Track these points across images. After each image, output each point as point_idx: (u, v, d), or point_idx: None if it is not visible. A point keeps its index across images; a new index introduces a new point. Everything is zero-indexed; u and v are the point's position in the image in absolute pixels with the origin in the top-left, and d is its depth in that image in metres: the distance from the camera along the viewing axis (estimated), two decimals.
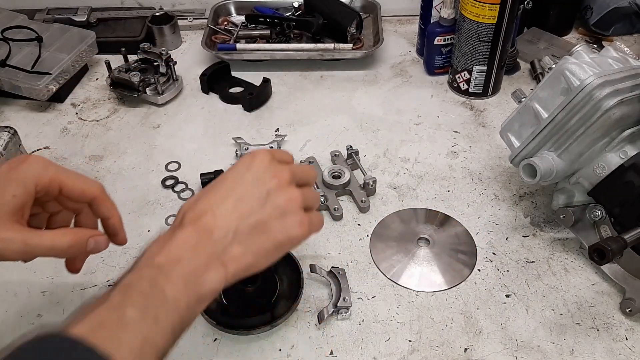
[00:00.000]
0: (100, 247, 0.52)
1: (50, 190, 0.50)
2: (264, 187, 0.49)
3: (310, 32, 1.03)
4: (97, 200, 0.52)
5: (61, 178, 0.50)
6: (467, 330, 0.63)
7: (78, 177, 0.52)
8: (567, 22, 1.09)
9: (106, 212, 0.53)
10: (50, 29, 0.99)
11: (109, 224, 0.54)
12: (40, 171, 0.49)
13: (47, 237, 0.49)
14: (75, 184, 0.51)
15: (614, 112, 0.61)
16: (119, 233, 0.54)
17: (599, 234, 0.67)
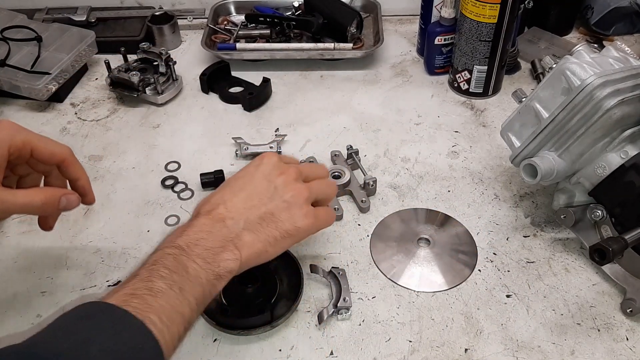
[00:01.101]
0: (72, 204, 0.55)
1: (22, 153, 0.53)
2: (272, 183, 0.55)
3: (310, 32, 1.03)
4: (66, 162, 0.56)
5: (32, 141, 0.53)
6: (467, 331, 0.63)
7: (48, 140, 0.55)
8: (567, 21, 1.09)
9: (75, 173, 0.57)
10: (50, 29, 0.99)
11: (78, 185, 0.58)
12: (13, 134, 0.52)
13: (22, 194, 0.52)
14: (45, 147, 0.54)
15: (614, 112, 0.61)
16: (88, 193, 0.59)
17: (599, 234, 0.67)
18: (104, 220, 0.76)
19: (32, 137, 0.54)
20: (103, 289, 0.68)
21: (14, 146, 0.52)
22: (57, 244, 0.73)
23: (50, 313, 0.65)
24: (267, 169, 0.56)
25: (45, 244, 0.73)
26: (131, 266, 0.70)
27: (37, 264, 0.71)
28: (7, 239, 0.74)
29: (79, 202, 0.57)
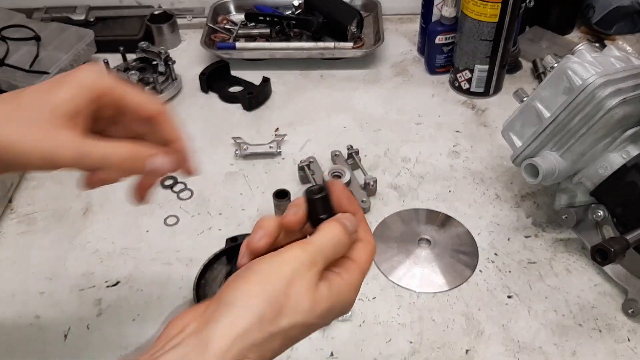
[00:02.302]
0: (163, 167, 0.44)
1: (106, 102, 0.44)
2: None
3: (310, 31, 1.02)
4: (158, 118, 0.45)
5: (119, 86, 0.44)
6: (468, 332, 0.63)
7: (138, 90, 0.46)
8: (569, 21, 1.09)
9: (169, 133, 0.46)
10: (49, 28, 0.98)
11: (176, 147, 0.46)
12: (97, 76, 0.43)
13: (102, 145, 0.42)
14: (134, 95, 0.45)
15: (616, 111, 0.61)
16: (186, 160, 0.47)
17: (601, 235, 0.67)
18: (102, 220, 0.76)
19: (119, 84, 0.44)
20: (102, 289, 0.68)
21: (96, 89, 0.43)
22: (55, 244, 0.73)
23: (49, 314, 0.65)
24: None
25: (44, 244, 0.73)
26: (130, 267, 0.70)
27: (36, 265, 0.71)
28: (5, 239, 0.74)
29: (172, 166, 0.45)
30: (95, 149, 0.42)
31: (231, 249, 0.67)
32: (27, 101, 0.41)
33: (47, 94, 0.41)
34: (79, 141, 0.41)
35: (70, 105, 0.41)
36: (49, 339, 0.63)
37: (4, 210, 0.77)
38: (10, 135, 0.39)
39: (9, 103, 0.41)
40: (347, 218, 0.40)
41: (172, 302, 0.66)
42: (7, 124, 0.40)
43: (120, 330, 0.64)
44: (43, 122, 0.40)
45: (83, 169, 0.42)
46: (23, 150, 0.39)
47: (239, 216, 0.76)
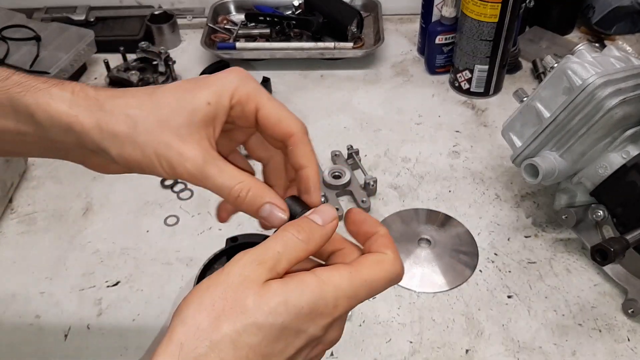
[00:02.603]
0: (274, 221, 0.39)
1: (245, 110, 0.40)
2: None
3: (310, 31, 1.02)
4: (295, 139, 0.41)
5: (260, 97, 0.41)
6: (468, 332, 0.63)
7: (280, 105, 0.42)
8: (569, 21, 1.09)
9: (302, 157, 0.41)
10: (49, 28, 0.98)
11: (302, 175, 0.41)
12: (240, 81, 0.40)
13: (227, 176, 0.38)
14: (274, 109, 0.41)
15: (616, 111, 0.61)
16: (311, 192, 0.41)
17: (601, 235, 0.67)
18: (103, 220, 0.76)
19: (262, 94, 0.41)
20: (102, 289, 0.68)
21: (237, 95, 0.39)
22: (56, 244, 0.73)
23: (49, 314, 0.65)
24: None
25: (44, 244, 0.73)
26: (130, 267, 0.70)
27: (36, 265, 0.71)
28: (6, 239, 0.74)
29: (283, 220, 0.39)
30: (218, 174, 0.38)
31: (231, 249, 0.67)
32: (165, 99, 0.38)
33: (189, 95, 0.38)
34: (204, 160, 0.38)
35: (207, 111, 0.38)
36: (49, 339, 0.63)
37: (4, 210, 0.77)
38: (139, 133, 0.37)
39: (145, 97, 0.38)
40: (317, 212, 0.38)
41: (172, 302, 0.66)
42: (137, 120, 0.37)
43: (120, 330, 0.64)
44: (175, 127, 0.37)
45: (197, 184, 0.39)
46: (150, 153, 0.37)
47: (239, 216, 0.75)
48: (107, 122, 0.37)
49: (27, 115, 0.38)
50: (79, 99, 0.37)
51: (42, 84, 0.38)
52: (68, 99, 0.37)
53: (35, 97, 0.37)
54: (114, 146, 0.37)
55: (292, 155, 0.41)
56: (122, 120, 0.37)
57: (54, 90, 0.37)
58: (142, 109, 0.37)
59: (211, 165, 0.38)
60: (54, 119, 0.37)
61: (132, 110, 0.37)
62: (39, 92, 0.37)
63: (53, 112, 0.37)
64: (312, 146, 0.42)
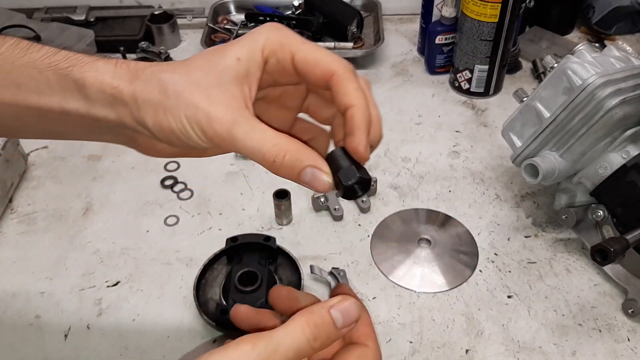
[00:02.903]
0: (318, 186, 0.35)
1: (280, 60, 0.37)
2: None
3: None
4: (337, 78, 0.37)
5: (294, 42, 0.37)
6: (468, 332, 0.63)
7: (316, 46, 0.38)
8: (569, 21, 1.09)
9: (345, 96, 0.37)
10: (49, 28, 0.99)
11: (349, 116, 0.37)
12: (271, 31, 0.37)
13: (258, 136, 0.35)
14: (309, 51, 0.37)
15: (616, 111, 0.61)
16: (355, 133, 0.37)
17: (601, 235, 0.67)
18: (103, 220, 0.76)
19: (295, 39, 0.37)
20: (102, 289, 0.68)
21: (269, 46, 0.36)
22: (55, 244, 0.73)
23: (49, 314, 0.65)
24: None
25: (44, 244, 0.73)
26: (130, 267, 0.70)
27: (36, 264, 0.70)
28: (5, 239, 0.74)
29: (327, 184, 0.35)
30: (249, 136, 0.35)
31: (231, 249, 0.67)
32: (197, 62, 0.37)
33: (219, 55, 0.36)
34: (234, 121, 0.35)
35: (240, 67, 0.36)
36: (49, 339, 0.63)
37: (4, 210, 0.77)
38: (169, 96, 0.35)
39: (178, 63, 0.37)
40: (341, 308, 0.34)
41: (172, 302, 0.66)
42: (168, 84, 0.35)
43: (120, 330, 0.64)
44: (204, 89, 0.35)
45: (232, 151, 0.37)
46: (180, 116, 0.35)
47: (239, 216, 0.76)
48: (141, 89, 0.36)
49: (74, 89, 0.37)
50: (121, 70, 0.37)
51: (88, 58, 0.37)
52: (111, 70, 0.36)
53: (83, 70, 0.37)
54: (148, 115, 0.36)
55: (336, 96, 0.37)
56: (154, 87, 0.36)
57: (100, 64, 0.37)
58: (174, 73, 0.36)
59: (241, 126, 0.35)
60: (99, 92, 0.36)
61: (164, 74, 0.36)
62: (86, 66, 0.37)
63: (99, 84, 0.36)
64: (359, 83, 0.37)
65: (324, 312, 0.33)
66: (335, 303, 0.34)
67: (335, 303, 0.34)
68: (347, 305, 0.34)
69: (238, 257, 0.67)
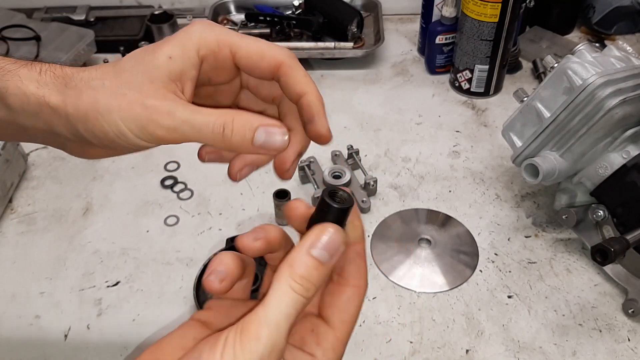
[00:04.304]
0: (275, 142, 0.34)
1: (220, 58, 0.36)
2: None
3: (310, 31, 1.02)
4: (284, 68, 0.36)
5: (233, 40, 0.36)
6: (468, 332, 0.63)
7: (257, 40, 0.37)
8: (569, 21, 1.09)
9: (297, 84, 0.36)
10: (49, 28, 0.98)
11: (303, 103, 0.36)
12: (204, 30, 0.36)
13: (203, 113, 0.34)
14: (251, 46, 0.36)
15: (616, 111, 0.61)
16: (315, 119, 0.36)
17: (601, 235, 0.67)
18: (102, 220, 0.76)
19: (233, 35, 0.36)
20: (102, 290, 0.68)
21: (205, 45, 0.35)
22: (55, 244, 0.73)
23: (50, 314, 0.65)
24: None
25: (44, 244, 0.73)
26: (130, 267, 0.70)
27: (36, 265, 0.70)
28: (5, 239, 0.74)
29: (286, 141, 0.34)
30: (192, 116, 0.34)
31: (231, 249, 0.67)
32: (127, 64, 0.35)
33: (149, 55, 0.35)
34: (177, 108, 0.34)
35: (171, 67, 0.35)
36: (49, 339, 0.63)
37: (4, 210, 0.77)
38: (99, 101, 0.34)
39: (108, 67, 0.36)
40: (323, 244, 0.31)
41: (172, 302, 0.66)
42: (98, 90, 0.34)
43: (120, 330, 0.64)
44: (139, 87, 0.34)
45: (182, 141, 0.35)
46: (114, 119, 0.34)
47: (239, 216, 0.76)
48: (71, 96, 0.34)
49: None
50: (47, 78, 0.35)
51: (10, 64, 0.36)
52: (36, 79, 0.35)
53: (4, 79, 0.35)
54: (80, 122, 0.34)
55: (286, 86, 0.36)
56: (85, 93, 0.34)
57: (23, 71, 0.35)
58: (104, 80, 0.35)
59: (183, 109, 0.34)
60: (23, 102, 0.35)
61: (94, 81, 0.34)
62: (7, 74, 0.35)
63: (22, 95, 0.35)
64: (305, 71, 0.37)
65: (305, 258, 0.31)
66: (314, 241, 0.31)
67: (314, 241, 0.31)
68: (326, 238, 0.31)
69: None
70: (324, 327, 0.33)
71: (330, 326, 0.33)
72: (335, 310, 0.34)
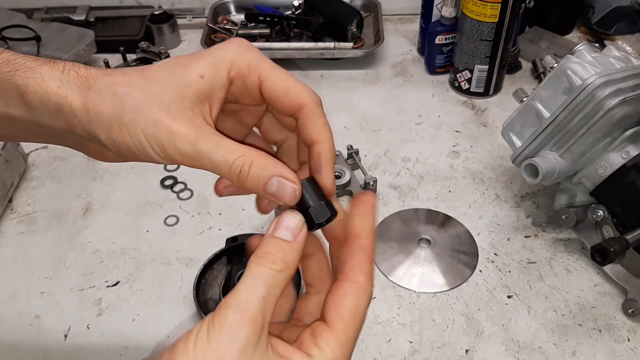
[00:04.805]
0: (285, 194, 0.34)
1: (247, 83, 0.36)
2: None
3: (310, 31, 1.02)
4: (306, 111, 0.36)
5: (263, 67, 0.36)
6: (468, 332, 0.63)
7: (287, 75, 0.36)
8: (568, 21, 1.09)
9: (313, 131, 0.36)
10: (49, 28, 0.99)
11: (314, 151, 0.36)
12: (239, 51, 0.36)
13: (224, 149, 0.34)
14: (280, 80, 0.36)
15: (616, 111, 0.61)
16: (322, 170, 0.36)
17: (601, 235, 0.67)
18: (103, 220, 0.76)
19: (265, 63, 0.36)
20: (102, 289, 0.68)
21: (236, 67, 0.35)
22: (56, 244, 0.73)
23: (50, 314, 0.65)
24: None
25: (44, 244, 0.73)
26: (130, 267, 0.70)
27: (36, 265, 0.71)
28: (6, 239, 0.74)
29: (296, 195, 0.34)
30: (214, 150, 0.33)
31: (231, 249, 0.67)
32: (157, 74, 0.35)
33: (181, 69, 0.35)
34: (197, 137, 0.33)
35: (200, 86, 0.35)
36: (49, 339, 0.63)
37: (4, 210, 0.77)
38: (125, 113, 0.33)
39: (136, 74, 0.35)
40: (282, 225, 0.33)
41: (172, 302, 0.66)
42: (125, 99, 0.33)
43: (120, 330, 0.64)
44: (165, 105, 0.34)
45: (198, 167, 0.35)
46: (138, 133, 0.33)
47: (239, 216, 0.76)
48: (93, 101, 0.34)
49: (16, 96, 0.35)
50: (70, 77, 0.34)
51: (32, 62, 0.35)
52: (58, 78, 0.34)
53: (25, 76, 0.34)
54: (102, 128, 0.34)
55: (302, 129, 0.36)
56: (109, 99, 0.33)
57: (44, 69, 0.34)
58: (132, 87, 0.34)
59: (205, 141, 0.33)
60: (43, 100, 0.34)
61: (120, 88, 0.34)
62: (28, 71, 0.34)
63: (42, 93, 0.34)
64: (326, 119, 0.37)
65: (268, 240, 0.32)
66: (274, 226, 0.33)
67: (274, 226, 0.33)
68: (284, 218, 0.33)
69: (238, 257, 0.67)
70: (322, 326, 0.33)
71: (328, 325, 0.32)
72: (332, 307, 0.33)
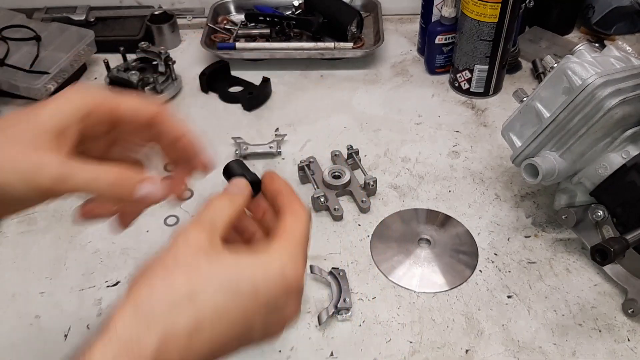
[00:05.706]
0: (153, 195, 0.40)
1: (100, 115, 0.40)
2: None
3: (310, 31, 1.03)
4: (157, 119, 0.42)
5: (109, 97, 0.41)
6: (468, 332, 0.63)
7: (131, 96, 0.42)
8: (568, 21, 1.09)
9: (171, 132, 0.42)
10: (49, 28, 0.99)
11: (184, 143, 0.43)
12: (84, 91, 0.40)
13: (89, 168, 0.38)
14: (127, 101, 0.41)
15: (616, 111, 0.61)
16: (197, 154, 0.44)
17: (601, 235, 0.67)
18: None
19: (109, 95, 0.41)
20: (102, 289, 0.68)
21: (84, 105, 0.40)
22: (55, 244, 0.73)
23: (50, 314, 0.65)
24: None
25: (44, 244, 0.73)
26: (130, 267, 0.70)
27: (36, 264, 0.71)
28: (6, 239, 0.74)
29: (164, 193, 0.41)
30: (81, 171, 0.38)
31: None
32: (9, 122, 0.38)
33: (31, 114, 0.39)
34: (62, 162, 0.38)
35: (54, 123, 0.38)
36: (49, 339, 0.63)
37: None
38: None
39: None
40: (231, 184, 0.43)
41: None
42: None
43: None
44: (24, 142, 0.37)
45: (67, 192, 0.38)
46: (3, 172, 0.36)
47: None
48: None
49: None
50: None
51: None
52: None
53: None
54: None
55: (164, 132, 0.43)
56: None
57: None
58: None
59: (71, 164, 0.38)
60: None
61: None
62: None
63: None
64: (176, 117, 0.43)
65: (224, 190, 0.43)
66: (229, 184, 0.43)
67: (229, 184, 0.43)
68: (233, 181, 0.44)
69: None
70: (273, 238, 0.39)
71: (278, 237, 0.39)
72: (281, 228, 0.40)
